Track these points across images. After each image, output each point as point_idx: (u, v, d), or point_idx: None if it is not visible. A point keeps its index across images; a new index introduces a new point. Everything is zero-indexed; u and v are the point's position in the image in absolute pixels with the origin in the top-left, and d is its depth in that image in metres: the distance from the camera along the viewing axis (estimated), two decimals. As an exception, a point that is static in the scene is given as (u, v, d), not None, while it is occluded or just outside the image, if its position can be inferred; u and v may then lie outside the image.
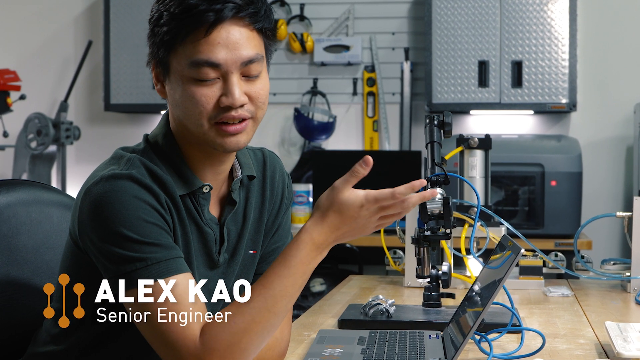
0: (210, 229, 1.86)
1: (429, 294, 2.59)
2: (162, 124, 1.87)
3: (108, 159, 1.83)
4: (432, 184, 2.48)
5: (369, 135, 5.78)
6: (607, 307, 2.77)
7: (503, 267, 1.90)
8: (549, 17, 5.20)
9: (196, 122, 1.76)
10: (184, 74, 1.74)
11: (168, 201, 1.76)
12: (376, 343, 2.09)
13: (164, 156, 1.82)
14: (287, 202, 2.07)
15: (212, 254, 1.88)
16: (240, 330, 1.67)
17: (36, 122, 5.48)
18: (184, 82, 1.75)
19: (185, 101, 1.75)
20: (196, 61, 1.72)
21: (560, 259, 3.17)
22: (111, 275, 1.70)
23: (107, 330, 1.84)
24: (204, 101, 1.74)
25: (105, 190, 1.70)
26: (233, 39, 1.74)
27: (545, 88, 5.19)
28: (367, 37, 5.78)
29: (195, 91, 1.74)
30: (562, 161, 4.85)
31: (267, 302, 1.68)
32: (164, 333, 1.67)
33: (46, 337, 1.93)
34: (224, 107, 1.75)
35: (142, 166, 1.77)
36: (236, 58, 1.74)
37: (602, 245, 5.38)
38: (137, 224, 1.68)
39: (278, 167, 2.05)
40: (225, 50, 1.73)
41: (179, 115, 1.79)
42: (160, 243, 1.70)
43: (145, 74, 5.53)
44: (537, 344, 2.10)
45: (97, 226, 1.70)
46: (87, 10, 6.07)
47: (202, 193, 1.84)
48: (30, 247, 2.16)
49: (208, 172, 1.86)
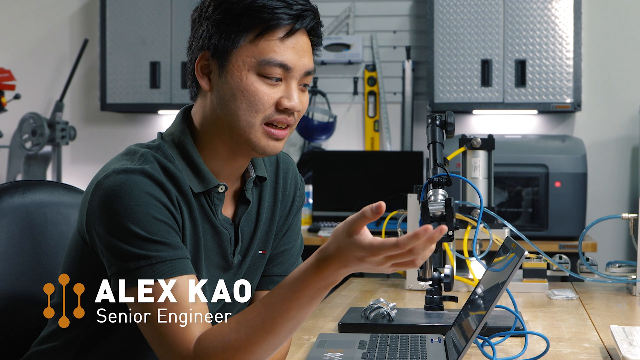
0: (225, 230, 1.87)
1: (431, 297, 2.59)
2: (179, 121, 1.87)
3: (121, 154, 1.82)
4: (434, 185, 2.46)
5: (369, 136, 5.78)
6: (613, 310, 2.76)
7: (506, 269, 1.89)
8: (554, 15, 5.20)
9: (249, 120, 1.78)
10: (251, 69, 1.76)
11: (180, 199, 1.76)
12: (377, 347, 2.08)
13: (180, 153, 1.82)
14: (298, 204, 2.06)
15: (227, 255, 1.88)
16: (234, 347, 1.64)
17: (31, 122, 5.49)
18: (247, 77, 1.77)
19: (243, 96, 1.77)
20: (269, 60, 1.76)
21: (565, 262, 3.15)
22: (114, 272, 1.69)
23: (105, 328, 1.83)
24: (265, 99, 1.76)
25: (116, 184, 1.69)
26: (302, 47, 1.79)
27: (550, 87, 5.19)
28: (368, 35, 5.79)
29: (259, 88, 1.76)
30: (567, 162, 4.85)
31: (266, 324, 1.64)
32: (162, 334, 1.66)
33: (45, 334, 1.92)
34: (282, 110, 1.78)
35: (155, 162, 1.76)
36: (302, 66, 1.79)
37: (607, 248, 5.39)
38: (146, 220, 1.68)
39: (291, 169, 2.05)
40: (296, 55, 1.77)
41: (226, 110, 1.79)
42: (167, 242, 1.69)
43: (142, 73, 5.54)
44: (541, 348, 2.09)
45: (106, 220, 1.69)
46: (82, 8, 6.08)
47: (217, 193, 1.84)
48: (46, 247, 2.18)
49: (225, 171, 1.86)
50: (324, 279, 1.63)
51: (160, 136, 1.86)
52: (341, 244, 1.60)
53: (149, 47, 5.44)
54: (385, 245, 1.55)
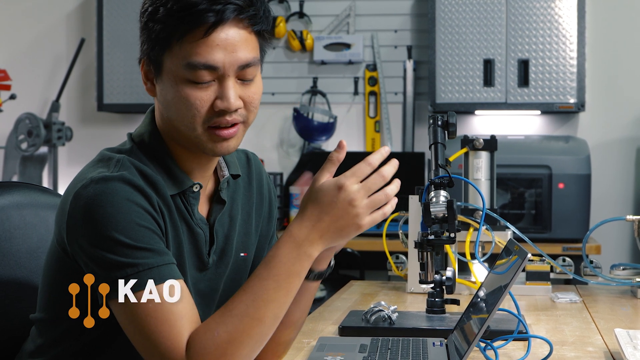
0: (200, 230, 1.84)
1: (433, 300, 2.58)
2: (147, 122, 1.85)
3: (94, 161, 1.79)
4: (435, 186, 2.44)
5: (370, 136, 5.77)
6: (617, 313, 2.75)
7: (509, 272, 1.89)
8: (557, 14, 5.18)
9: (189, 125, 1.74)
10: (179, 74, 1.71)
11: (160, 203, 1.74)
12: (378, 351, 2.07)
13: (152, 155, 1.80)
14: (275, 207, 2.08)
15: (203, 255, 1.86)
16: (224, 341, 1.63)
17: (27, 122, 5.48)
18: (178, 83, 1.72)
19: (178, 103, 1.73)
20: (193, 63, 1.70)
21: (568, 264, 3.14)
22: (100, 282, 1.66)
23: (95, 341, 1.81)
24: (198, 104, 1.72)
25: (96, 193, 1.66)
26: (231, 41, 1.71)
27: (553, 87, 5.17)
28: (369, 34, 5.78)
29: (189, 93, 1.71)
30: (570, 163, 4.84)
31: (249, 308, 1.64)
32: (153, 343, 1.64)
33: (32, 348, 1.90)
34: (219, 111, 1.73)
35: (132, 167, 1.74)
36: (234, 61, 1.72)
37: (611, 250, 5.37)
38: (130, 227, 1.65)
39: (263, 171, 2.06)
40: (224, 52, 1.71)
41: (171, 116, 1.77)
42: (153, 248, 1.67)
43: (139, 73, 5.43)
44: (544, 351, 2.08)
45: (88, 231, 1.66)
46: (79, 7, 6.08)
47: (192, 192, 1.82)
48: (24, 251, 2.16)
49: (196, 170, 1.84)
50: (298, 246, 1.65)
51: (131, 138, 1.83)
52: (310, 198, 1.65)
53: (146, 46, 5.39)
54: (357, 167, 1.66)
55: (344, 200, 1.64)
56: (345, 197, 1.64)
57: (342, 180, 1.65)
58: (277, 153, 5.79)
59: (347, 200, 1.64)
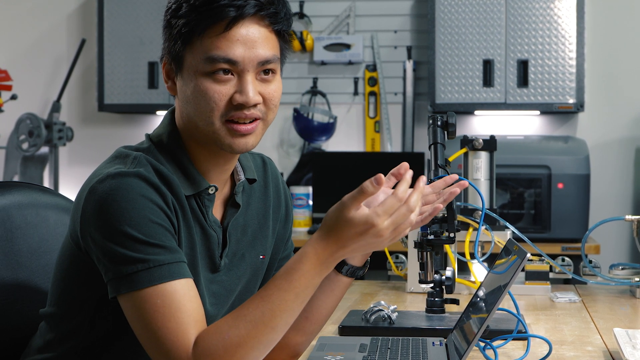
0: (214, 232, 1.86)
1: (432, 300, 2.57)
2: (167, 123, 1.86)
3: (111, 158, 1.81)
4: None
5: (370, 137, 5.76)
6: (616, 313, 2.75)
7: (508, 272, 1.89)
8: (556, 15, 5.18)
9: (207, 120, 1.76)
10: (198, 69, 1.74)
11: (174, 202, 1.76)
12: (378, 350, 2.07)
13: (170, 155, 1.82)
14: (291, 209, 2.10)
15: (215, 257, 1.87)
16: (234, 344, 1.64)
17: (28, 122, 5.46)
18: (197, 77, 1.75)
19: (197, 97, 1.75)
20: (213, 57, 1.73)
21: (568, 264, 3.15)
22: (111, 277, 1.67)
23: (104, 337, 1.82)
24: (217, 98, 1.74)
25: (111, 188, 1.68)
26: (252, 37, 1.74)
27: (552, 88, 5.17)
28: (369, 35, 5.77)
29: (208, 87, 1.74)
30: (569, 163, 4.83)
31: (265, 316, 1.65)
32: (158, 339, 1.65)
33: (40, 343, 1.90)
34: (237, 105, 1.75)
35: (149, 165, 1.76)
36: (253, 57, 1.75)
37: (610, 250, 5.37)
38: (143, 223, 1.67)
39: (279, 175, 2.08)
40: (244, 47, 1.74)
41: (190, 112, 1.79)
42: (165, 245, 1.68)
43: (140, 74, 5.53)
44: (543, 351, 2.09)
45: (101, 224, 1.68)
46: (80, 7, 6.06)
47: (208, 194, 1.83)
48: (26, 250, 2.16)
49: (213, 172, 1.85)
50: (320, 263, 1.66)
51: (149, 138, 1.85)
52: (339, 224, 1.64)
53: (147, 47, 5.42)
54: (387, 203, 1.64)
55: (373, 235, 1.65)
56: (374, 233, 1.64)
57: (374, 219, 1.63)
58: (277, 153, 5.78)
59: (375, 234, 1.65)
